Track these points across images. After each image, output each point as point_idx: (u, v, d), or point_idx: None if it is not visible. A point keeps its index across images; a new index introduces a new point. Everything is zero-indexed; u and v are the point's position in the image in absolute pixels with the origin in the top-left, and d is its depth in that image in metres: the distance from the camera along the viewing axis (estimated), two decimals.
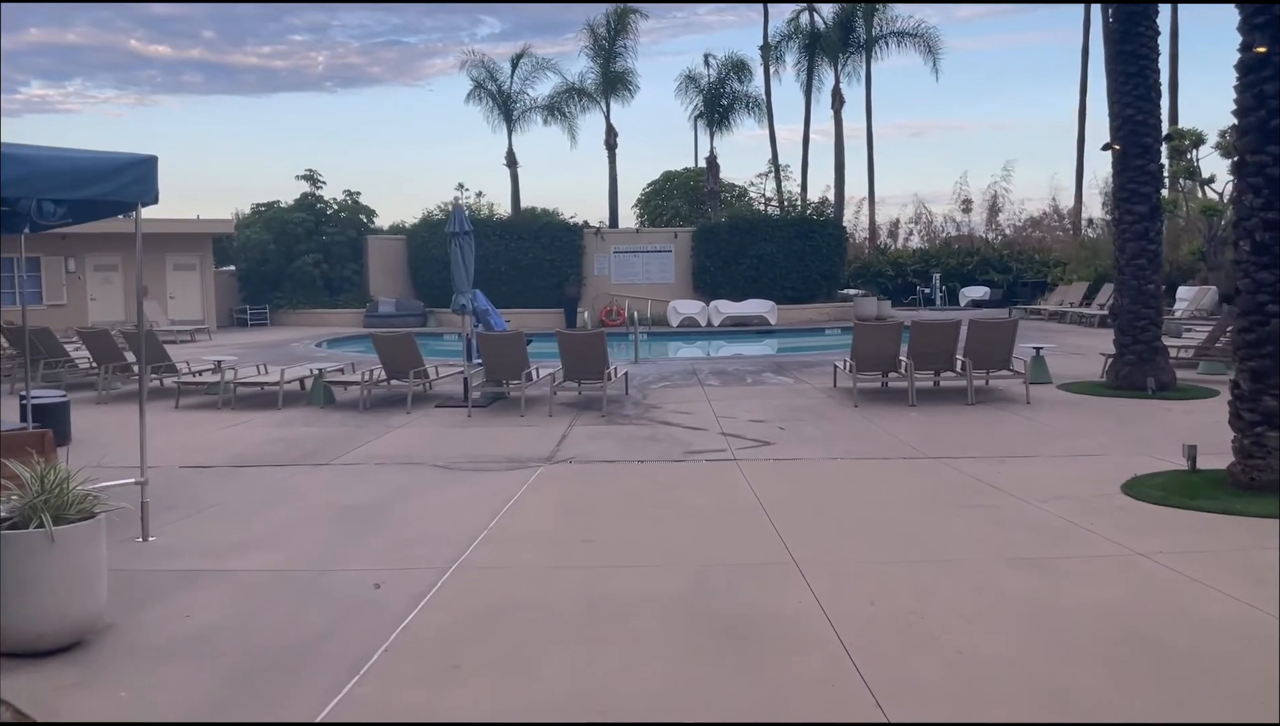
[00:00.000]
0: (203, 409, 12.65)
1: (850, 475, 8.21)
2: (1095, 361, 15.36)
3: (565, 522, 6.75)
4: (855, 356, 12.15)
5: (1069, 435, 9.78)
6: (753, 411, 11.58)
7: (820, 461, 8.78)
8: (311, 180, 31.86)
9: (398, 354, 12.37)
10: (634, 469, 8.62)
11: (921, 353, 12.03)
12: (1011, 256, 36.75)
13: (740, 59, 32.87)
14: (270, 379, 12.74)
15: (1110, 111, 12.30)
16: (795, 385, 13.90)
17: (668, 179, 41.02)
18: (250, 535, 6.53)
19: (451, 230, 12.55)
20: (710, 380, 14.74)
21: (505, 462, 8.93)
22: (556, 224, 30.06)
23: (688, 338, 26.10)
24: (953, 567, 5.51)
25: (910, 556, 5.76)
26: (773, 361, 17.12)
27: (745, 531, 6.41)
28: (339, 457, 9.34)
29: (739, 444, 9.62)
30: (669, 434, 10.28)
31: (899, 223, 41.27)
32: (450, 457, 9.20)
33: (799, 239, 29.37)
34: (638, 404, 12.40)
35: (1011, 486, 7.49)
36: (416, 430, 10.91)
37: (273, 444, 10.11)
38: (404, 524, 6.81)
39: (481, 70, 32.62)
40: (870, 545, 6.02)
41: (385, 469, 8.80)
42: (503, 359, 12.07)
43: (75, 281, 27.03)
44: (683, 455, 9.18)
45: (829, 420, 10.93)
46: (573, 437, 10.21)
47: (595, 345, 11.96)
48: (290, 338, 24.65)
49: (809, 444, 9.60)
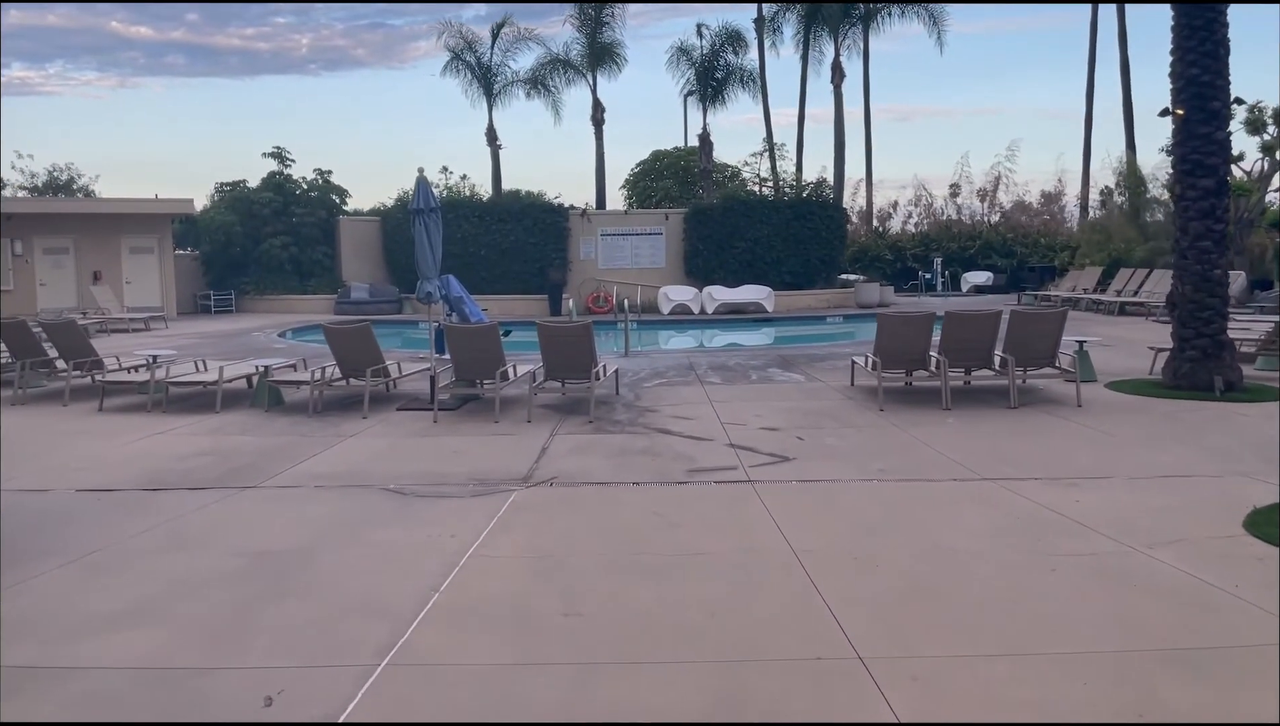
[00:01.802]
0: (129, 412, 11.00)
1: (895, 504, 6.65)
2: (1134, 354, 13.90)
3: (542, 582, 5.17)
4: (880, 352, 10.60)
5: (1139, 447, 8.27)
6: (763, 416, 10.03)
7: (853, 484, 7.23)
8: (279, 158, 30.04)
9: (353, 349, 10.73)
10: (628, 494, 7.05)
11: (956, 348, 10.48)
12: (1015, 240, 35.30)
13: (735, 29, 31.11)
14: (207, 377, 11.09)
15: (1171, 71, 10.72)
16: (807, 383, 12.34)
17: (657, 158, 39.29)
18: (125, 601, 4.93)
19: (415, 206, 10.90)
20: (710, 377, 13.16)
21: (472, 485, 7.35)
22: (540, 205, 28.35)
23: (680, 326, 24.52)
24: (1080, 667, 3.96)
25: (1013, 646, 4.20)
26: (777, 354, 15.54)
27: (780, 598, 4.85)
28: (272, 477, 7.73)
29: (752, 459, 8.07)
30: (668, 445, 8.72)
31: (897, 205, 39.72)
32: (406, 477, 7.61)
33: (797, 221, 27.79)
34: (630, 406, 10.82)
35: (1100, 522, 5.97)
36: (371, 440, 9.31)
37: (197, 458, 8.49)
38: (331, 582, 5.21)
39: (459, 40, 30.71)
40: (954, 627, 4.45)
41: (324, 494, 7.20)
42: (474, 355, 10.45)
43: (23, 265, 25.16)
44: (686, 474, 7.62)
45: (853, 427, 9.38)
46: (555, 450, 8.63)
47: (581, 339, 10.36)
48: (253, 326, 22.94)
49: (835, 459, 8.05)
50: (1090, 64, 35.56)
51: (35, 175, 38.07)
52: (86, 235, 25.56)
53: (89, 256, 25.68)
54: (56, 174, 37.90)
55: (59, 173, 37.96)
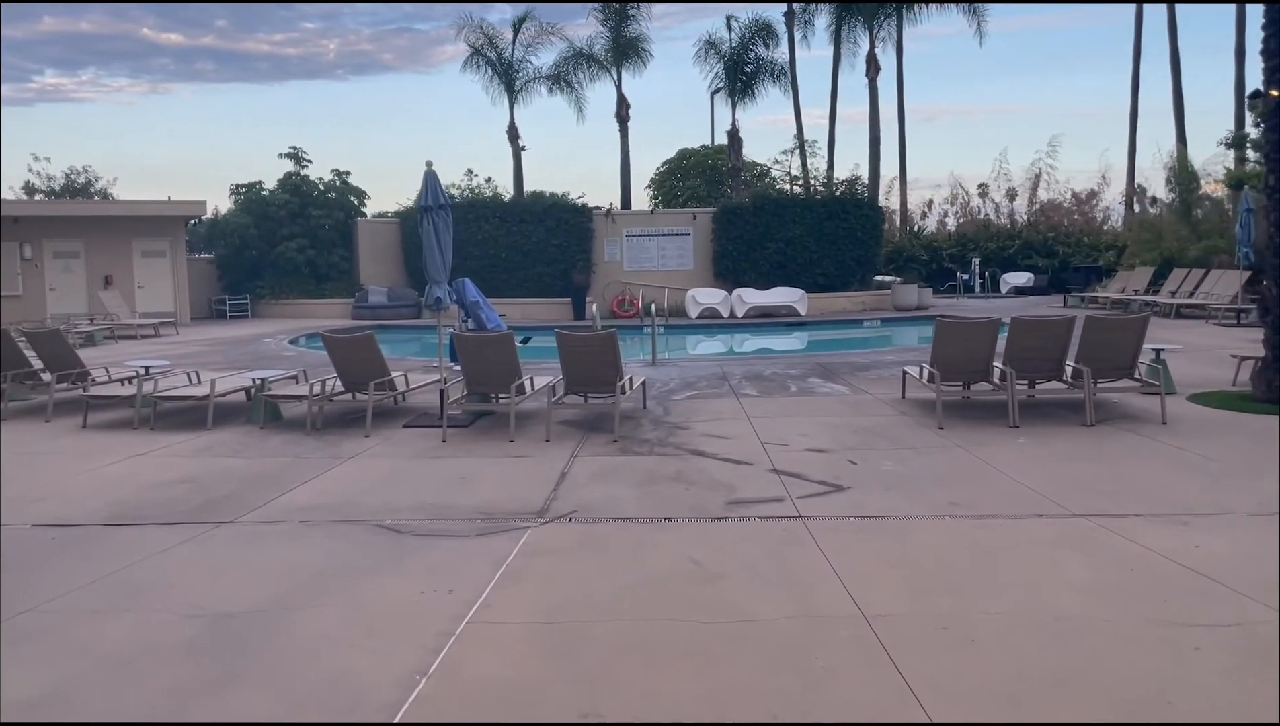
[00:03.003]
0: (115, 429, 10.11)
1: (976, 549, 5.59)
2: (1207, 362, 12.74)
3: (554, 662, 4.16)
4: (938, 362, 9.52)
5: (1247, 475, 7.14)
6: (808, 434, 8.98)
7: (922, 521, 6.18)
8: (296, 158, 29.22)
9: (355, 360, 9.78)
10: (659, 534, 6.03)
11: (1023, 357, 9.38)
12: (1056, 239, 33.91)
13: (765, 21, 29.83)
14: (198, 392, 10.18)
15: (1264, 49, 9.57)
16: (853, 396, 11.26)
17: (684, 157, 38.25)
18: (38, 687, 3.97)
19: (424, 203, 9.93)
20: (745, 387, 12.12)
21: (479, 520, 6.37)
22: (563, 205, 27.31)
23: (709, 331, 23.47)
24: None
25: None
26: (816, 362, 14.46)
27: (858, 692, 3.81)
28: (253, 509, 6.79)
29: (800, 488, 7.03)
30: (703, 470, 7.69)
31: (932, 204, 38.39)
32: (404, 510, 6.64)
33: (830, 220, 26.62)
34: (659, 422, 9.81)
35: (1234, 576, 4.90)
36: (371, 462, 8.35)
37: (175, 485, 7.56)
38: (296, 659, 4.23)
39: (479, 35, 29.70)
40: None
41: (309, 532, 6.24)
42: (487, 366, 9.48)
43: (32, 270, 24.47)
44: (726, 507, 6.60)
45: (912, 449, 8.32)
46: (575, 475, 7.64)
47: (605, 350, 9.35)
48: (267, 332, 22.12)
49: (897, 488, 7.00)
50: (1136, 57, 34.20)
51: (52, 178, 37.65)
52: (97, 238, 24.83)
53: (100, 260, 24.96)
54: (74, 177, 37.42)
55: (76, 176, 37.47)
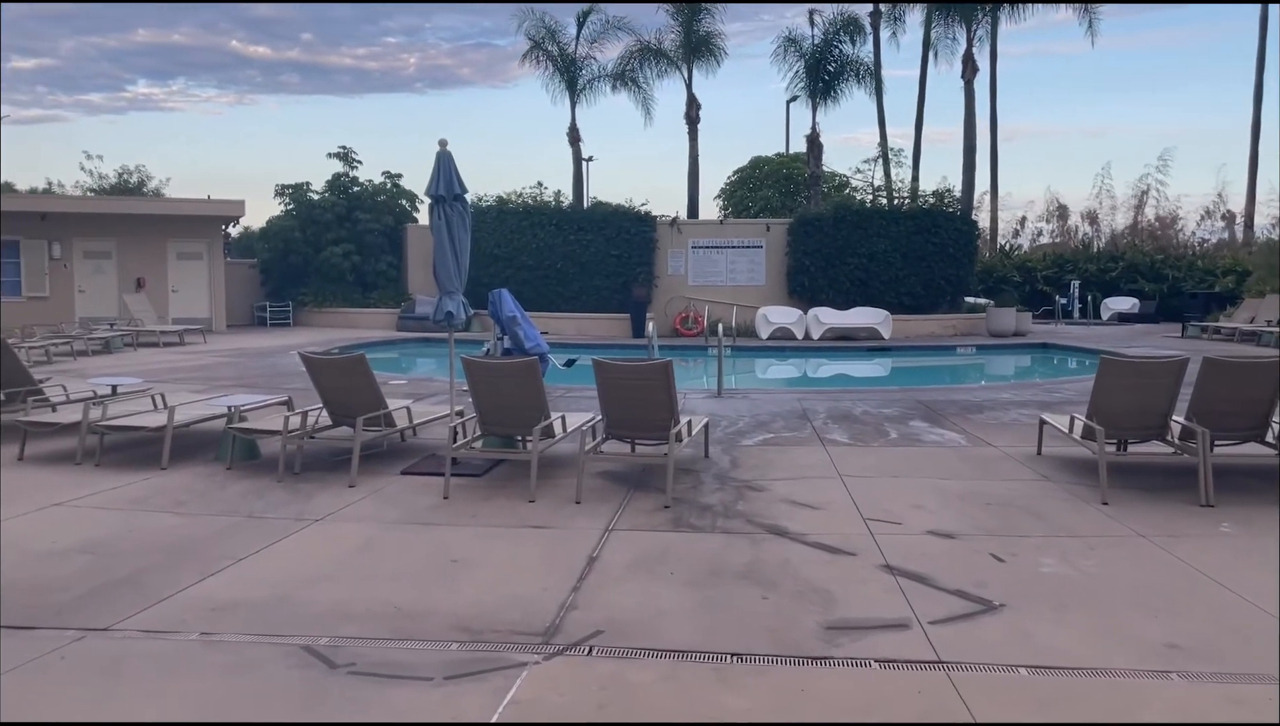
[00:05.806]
0: (55, 463, 8.26)
1: None
2: None
3: None
4: (1098, 413, 7.15)
5: None
6: (924, 505, 6.72)
7: (1135, 681, 3.89)
8: (345, 159, 27.62)
9: (341, 387, 7.78)
10: (724, 692, 3.85)
11: (1216, 411, 6.97)
12: (1166, 262, 30.94)
13: (852, 15, 27.35)
14: (152, 422, 8.25)
15: None
16: (972, 449, 8.91)
17: (756, 166, 36.00)
18: None
19: (435, 192, 7.92)
20: (832, 431, 9.84)
21: (456, 645, 4.25)
22: (624, 213, 25.23)
23: (782, 354, 21.17)
24: None
25: None
26: (915, 399, 12.08)
27: None
28: (149, 606, 4.78)
29: (930, 602, 4.79)
30: (786, 562, 5.48)
31: (1025, 221, 35.58)
32: (356, 617, 4.56)
33: (919, 235, 24.13)
34: (725, 479, 7.60)
35: None
36: (342, 528, 6.29)
37: (70, 557, 5.60)
38: None
39: (540, 28, 27.78)
40: None
41: (203, 657, 4.18)
42: (503, 401, 7.38)
43: (60, 270, 23.15)
44: (823, 637, 4.40)
45: (1076, 537, 5.99)
46: (607, 562, 5.49)
47: (657, 384, 7.17)
48: (300, 342, 20.41)
49: (1072, 608, 4.72)
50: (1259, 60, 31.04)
51: (104, 177, 36.77)
52: (130, 238, 23.46)
53: (132, 261, 23.58)
54: (126, 176, 36.46)
55: (128, 175, 36.52)
